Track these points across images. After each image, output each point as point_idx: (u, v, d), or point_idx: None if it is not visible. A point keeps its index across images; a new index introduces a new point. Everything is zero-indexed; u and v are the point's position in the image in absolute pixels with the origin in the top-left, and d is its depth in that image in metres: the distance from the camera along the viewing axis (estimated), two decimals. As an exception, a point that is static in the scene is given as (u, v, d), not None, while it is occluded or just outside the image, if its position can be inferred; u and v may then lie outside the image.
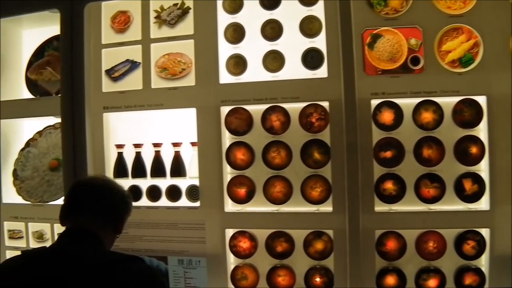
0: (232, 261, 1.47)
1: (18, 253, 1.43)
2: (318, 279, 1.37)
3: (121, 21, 1.59)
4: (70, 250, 0.98)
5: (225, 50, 1.46)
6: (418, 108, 1.29)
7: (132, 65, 1.54)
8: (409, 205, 1.31)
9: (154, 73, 1.51)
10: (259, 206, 1.44)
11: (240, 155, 1.43)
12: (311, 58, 1.39)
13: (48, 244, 1.60)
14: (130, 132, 1.57)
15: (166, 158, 1.53)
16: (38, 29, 1.85)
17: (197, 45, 1.47)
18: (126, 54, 1.56)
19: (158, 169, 1.51)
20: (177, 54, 1.50)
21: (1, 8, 1.71)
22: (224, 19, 1.46)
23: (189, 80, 1.48)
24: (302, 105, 1.38)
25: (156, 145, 1.53)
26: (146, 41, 1.53)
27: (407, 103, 1.30)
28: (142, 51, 1.53)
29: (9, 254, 1.74)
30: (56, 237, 1.64)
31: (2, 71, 1.78)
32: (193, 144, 1.47)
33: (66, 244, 1.00)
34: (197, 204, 1.47)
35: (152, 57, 1.52)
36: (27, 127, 1.81)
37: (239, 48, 1.46)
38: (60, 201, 1.61)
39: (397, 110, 1.30)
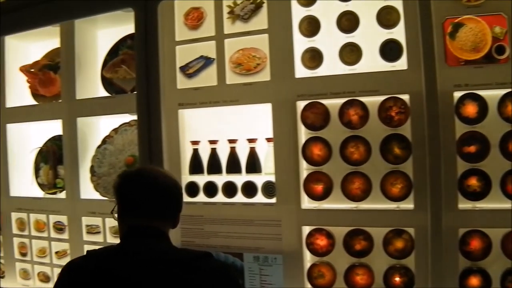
0: (308, 258, 1.85)
1: (96, 247, 2.07)
2: (397, 279, 1.70)
3: (194, 17, 2.08)
4: (144, 248, 1.29)
5: (300, 43, 1.84)
6: (503, 100, 1.56)
7: (206, 61, 2.03)
8: (495, 202, 1.57)
9: (228, 68, 1.95)
10: (336, 203, 1.79)
11: (317, 150, 1.82)
12: (389, 50, 1.75)
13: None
14: (205, 129, 2.04)
15: (241, 154, 1.97)
16: (112, 29, 2.41)
17: (271, 39, 1.88)
18: (200, 51, 2.02)
19: (233, 165, 1.98)
20: (252, 49, 1.95)
21: (77, 9, 2.33)
22: (298, 12, 1.84)
23: (264, 75, 1.89)
24: (381, 98, 1.70)
25: (231, 141, 1.97)
26: (220, 37, 1.98)
27: (492, 94, 1.57)
28: (216, 47, 1.98)
29: (87, 248, 2.36)
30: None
31: (78, 71, 2.37)
32: (268, 140, 1.88)
33: (138, 243, 1.31)
34: (273, 200, 1.87)
35: (226, 53, 1.96)
36: (103, 125, 2.41)
37: (315, 42, 1.83)
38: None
39: (481, 103, 1.58)
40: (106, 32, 2.51)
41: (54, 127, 2.55)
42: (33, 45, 2.76)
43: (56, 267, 2.51)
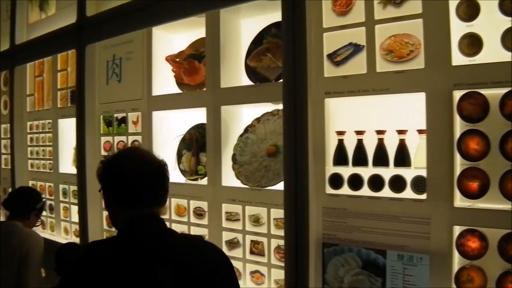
0: (457, 261, 1.84)
1: (235, 234, 2.28)
2: None
3: (343, 3, 2.17)
4: (165, 233, 1.49)
5: (457, 28, 1.84)
6: None
7: (355, 48, 2.11)
8: None
9: (379, 56, 2.01)
10: (493, 202, 1.76)
11: (474, 144, 1.80)
12: None
13: (264, 228, 2.37)
14: (351, 118, 2.13)
15: (389, 146, 2.02)
16: (255, 18, 2.61)
17: (426, 24, 1.89)
18: (348, 37, 2.09)
19: (381, 158, 2.04)
20: (404, 35, 1.99)
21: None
22: (455, -6, 1.83)
23: (418, 63, 1.91)
24: (552, 88, 1.64)
25: (379, 132, 2.02)
26: (370, 22, 2.04)
27: None
28: (366, 33, 2.04)
29: (225, 235, 2.61)
30: (272, 221, 2.40)
31: (223, 60, 2.62)
32: (420, 131, 1.91)
33: (151, 236, 1.44)
34: (423, 196, 1.90)
35: (377, 39, 2.02)
36: (246, 114, 2.63)
37: (473, 26, 1.82)
38: (278, 187, 2.36)
39: None
40: (249, 21, 2.71)
41: (197, 115, 2.83)
42: (178, 36, 3.08)
43: (194, 252, 2.79)
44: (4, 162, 4.74)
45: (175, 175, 2.94)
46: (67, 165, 3.88)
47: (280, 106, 2.42)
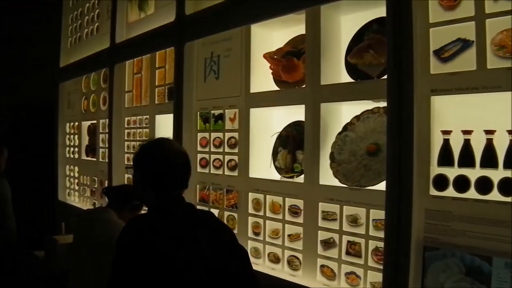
0: None
1: (330, 234, 2.36)
2: None
3: (453, -3, 2.19)
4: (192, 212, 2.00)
5: None
6: None
7: (463, 43, 2.10)
8: None
9: (489, 51, 1.98)
10: None
11: None
12: None
13: (362, 229, 2.42)
14: (458, 117, 2.13)
15: (499, 147, 1.99)
16: (355, 14, 2.66)
17: None
18: (456, 33, 2.08)
19: (489, 159, 2.00)
20: (518, 29, 1.98)
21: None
22: None
23: None
24: None
25: (488, 132, 2.00)
26: (480, 16, 2.01)
27: None
28: (476, 28, 2.01)
29: (321, 235, 2.68)
30: (371, 222, 2.44)
31: (323, 57, 2.70)
32: None
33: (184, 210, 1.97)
34: None
35: (488, 34, 1.99)
36: (345, 111, 2.69)
37: None
38: (378, 187, 2.39)
39: None
40: (349, 18, 2.77)
41: (293, 113, 2.93)
42: (276, 33, 3.20)
43: (287, 249, 2.88)
44: (101, 156, 5.09)
45: (270, 172, 3.05)
46: (163, 160, 4.09)
47: (380, 104, 2.46)
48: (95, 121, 5.29)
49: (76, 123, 5.78)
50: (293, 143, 2.89)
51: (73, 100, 5.88)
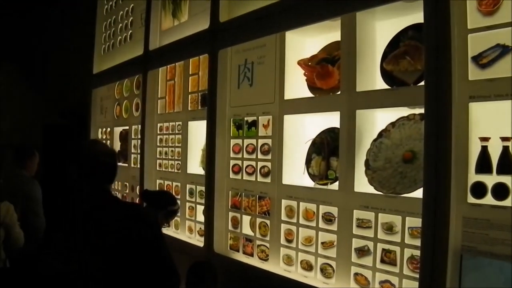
0: None
1: (365, 242, 2.36)
2: None
3: (490, 2, 2.17)
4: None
5: None
6: None
7: (503, 49, 2.11)
8: None
9: None
10: None
11: None
12: None
13: (397, 236, 2.43)
14: (496, 124, 2.12)
15: None
16: (390, 20, 2.68)
17: None
18: (495, 38, 2.08)
19: (530, 166, 2.05)
20: (561, 36, 1.98)
21: (360, 0, 2.68)
22: None
23: None
24: None
25: None
26: None
27: None
28: None
29: (355, 243, 2.70)
30: (407, 230, 2.45)
31: (358, 63, 2.74)
32: None
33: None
34: None
35: None
36: (380, 118, 2.71)
37: None
38: (414, 194, 2.41)
39: None
40: (383, 24, 2.80)
41: (328, 119, 2.96)
42: (310, 39, 3.24)
43: (320, 257, 2.90)
44: (133, 161, 5.20)
45: (304, 179, 3.08)
46: (195, 166, 4.19)
47: (416, 111, 2.48)
48: (127, 127, 5.40)
49: (108, 129, 5.90)
50: (328, 150, 2.92)
51: (106, 106, 6.01)
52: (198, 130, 4.13)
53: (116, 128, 5.75)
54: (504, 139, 2.10)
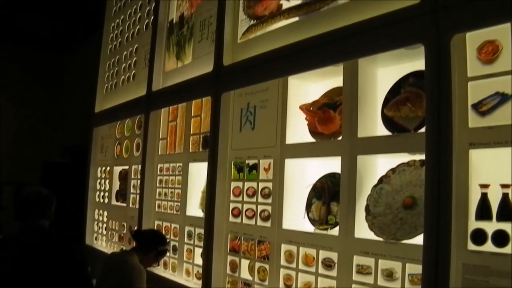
0: None
1: None
2: None
3: (489, 51, 2.25)
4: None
5: None
6: None
7: (502, 97, 2.17)
8: None
9: None
10: None
11: None
12: None
13: (397, 283, 2.44)
14: (496, 171, 2.16)
15: None
16: (391, 67, 2.76)
17: None
18: (494, 86, 2.16)
19: (528, 214, 2.07)
20: None
21: (362, 48, 2.75)
22: None
23: None
24: None
25: None
26: None
27: None
28: None
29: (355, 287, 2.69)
30: (407, 277, 2.46)
31: (360, 109, 2.81)
32: None
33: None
34: None
35: None
36: (381, 164, 2.76)
37: None
38: (414, 240, 2.42)
39: None
40: (385, 70, 2.88)
41: (329, 164, 3.01)
42: (312, 84, 3.32)
43: (320, 303, 2.90)
44: (132, 201, 5.21)
45: (304, 224, 3.10)
46: (194, 208, 4.21)
47: (416, 157, 2.52)
48: (127, 167, 5.45)
49: (108, 168, 5.95)
50: (328, 195, 2.95)
51: (106, 145, 6.08)
52: (198, 172, 4.16)
53: (116, 167, 5.79)
54: (504, 186, 2.13)
